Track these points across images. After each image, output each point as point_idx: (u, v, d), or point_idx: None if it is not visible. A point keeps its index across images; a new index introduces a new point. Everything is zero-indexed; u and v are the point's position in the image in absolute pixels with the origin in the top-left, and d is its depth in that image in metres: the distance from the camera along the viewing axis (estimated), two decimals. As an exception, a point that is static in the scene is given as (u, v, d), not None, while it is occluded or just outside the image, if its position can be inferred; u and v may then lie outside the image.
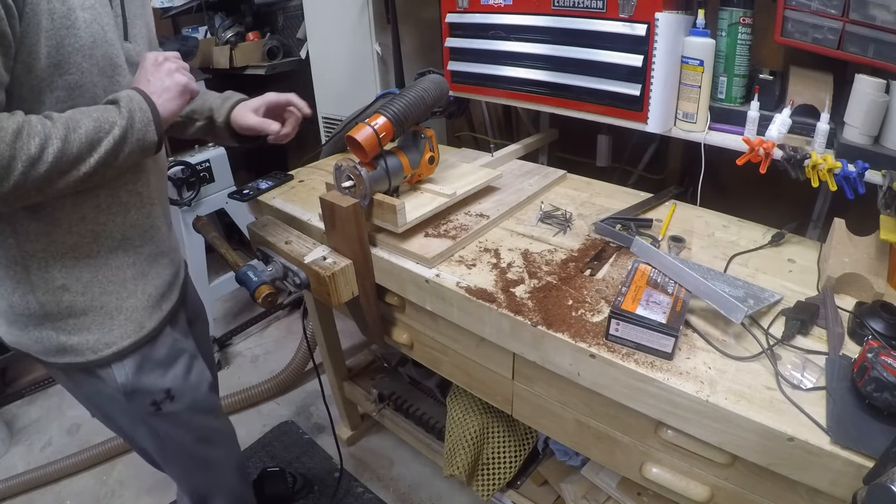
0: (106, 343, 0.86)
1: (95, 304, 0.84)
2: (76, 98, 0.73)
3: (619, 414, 0.82)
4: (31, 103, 0.70)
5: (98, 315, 0.84)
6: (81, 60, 0.72)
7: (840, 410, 0.63)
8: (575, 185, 1.26)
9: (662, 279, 0.83)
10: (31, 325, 0.83)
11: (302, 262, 0.95)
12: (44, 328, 0.83)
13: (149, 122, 0.76)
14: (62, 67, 0.70)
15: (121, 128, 0.73)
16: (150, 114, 0.77)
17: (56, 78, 0.70)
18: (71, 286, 0.82)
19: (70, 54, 0.70)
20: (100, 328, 0.85)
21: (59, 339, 0.83)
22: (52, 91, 0.71)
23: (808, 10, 0.93)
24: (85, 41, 0.71)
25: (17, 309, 0.81)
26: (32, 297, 0.80)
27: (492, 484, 1.29)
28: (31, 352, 0.86)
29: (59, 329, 0.83)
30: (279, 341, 2.26)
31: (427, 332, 1.07)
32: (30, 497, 1.65)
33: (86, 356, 0.85)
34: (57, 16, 0.68)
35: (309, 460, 1.71)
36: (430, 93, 1.02)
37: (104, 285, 0.84)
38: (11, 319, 0.84)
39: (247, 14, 2.32)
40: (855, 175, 0.89)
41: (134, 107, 0.75)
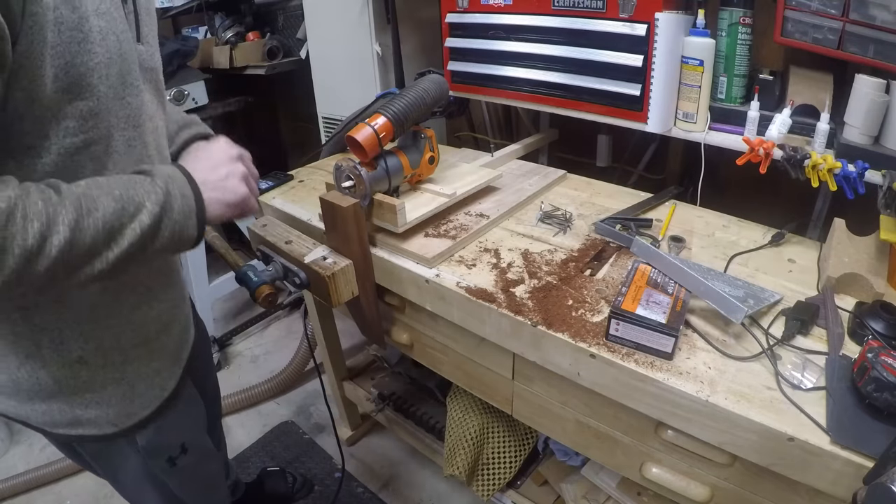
0: (128, 414, 0.74)
1: (117, 376, 0.71)
2: (90, 130, 0.58)
3: (619, 414, 0.82)
4: (34, 140, 0.55)
5: (119, 387, 0.72)
6: (97, 82, 0.57)
7: (840, 410, 0.63)
8: (575, 185, 1.26)
9: (662, 279, 0.83)
10: (37, 399, 0.69)
11: (302, 262, 0.95)
12: (55, 402, 0.69)
13: (190, 212, 0.61)
14: (73, 92, 0.55)
15: (152, 215, 0.57)
16: (193, 202, 0.61)
17: (65, 105, 0.55)
18: (89, 358, 0.68)
19: (83, 75, 0.55)
20: (120, 400, 0.73)
21: (74, 412, 0.71)
22: (59, 123, 0.56)
23: (808, 10, 0.93)
24: (101, 57, 0.56)
25: (22, 385, 0.67)
26: (45, 372, 0.67)
27: (492, 484, 1.29)
28: (33, 423, 0.72)
29: (73, 403, 0.70)
30: (279, 341, 2.26)
31: (427, 332, 1.07)
32: (30, 497, 1.65)
33: (103, 430, 0.73)
34: (66, 27, 0.52)
35: (309, 460, 1.71)
36: (430, 93, 1.02)
37: (126, 351, 0.72)
38: (11, 392, 0.69)
39: (247, 14, 2.32)
40: (855, 175, 0.89)
41: (173, 189, 0.59)
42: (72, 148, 0.58)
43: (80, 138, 0.58)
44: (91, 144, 0.59)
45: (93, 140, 0.59)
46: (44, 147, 0.56)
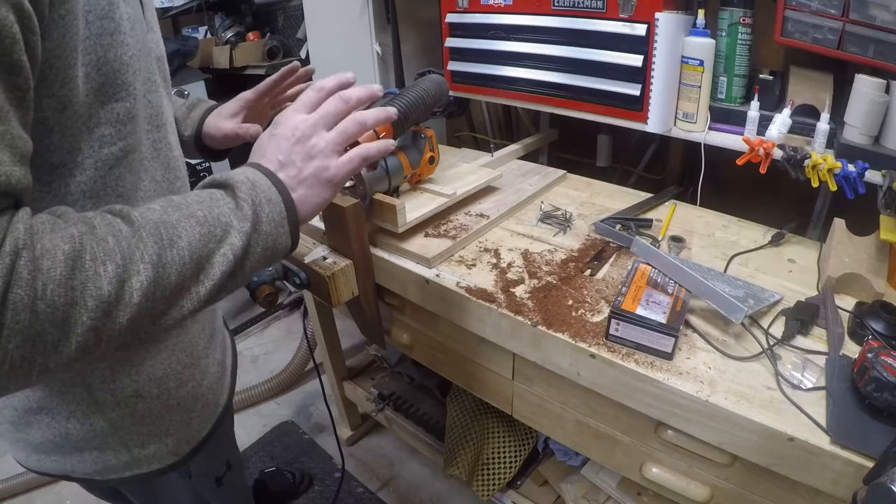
0: (186, 440, 0.68)
1: (172, 403, 0.65)
2: (127, 136, 0.50)
3: (619, 414, 0.82)
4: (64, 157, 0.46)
5: (176, 414, 0.66)
6: (132, 79, 0.49)
7: (840, 410, 0.63)
8: (575, 185, 1.26)
9: (662, 279, 0.83)
10: (88, 447, 0.62)
11: (302, 262, 0.95)
12: (109, 447, 0.63)
13: (281, 220, 0.50)
14: (107, 93, 0.47)
15: (242, 233, 0.47)
16: (283, 207, 0.51)
17: (98, 110, 0.47)
18: (144, 390, 0.61)
19: (118, 71, 0.47)
20: (178, 428, 0.67)
21: (131, 452, 0.64)
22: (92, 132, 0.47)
23: (808, 10, 0.93)
24: (133, 49, 0.49)
25: (72, 436, 0.60)
26: (99, 417, 0.59)
27: (492, 484, 1.29)
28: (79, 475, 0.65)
29: (130, 443, 0.64)
30: (279, 341, 2.26)
31: (427, 332, 1.07)
32: (30, 497, 1.65)
33: (163, 462, 0.68)
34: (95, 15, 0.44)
35: (309, 460, 1.71)
36: (431, 93, 1.02)
37: (179, 374, 0.65)
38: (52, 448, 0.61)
39: (247, 14, 2.32)
40: (855, 175, 0.89)
41: (259, 197, 0.49)
42: (110, 159, 0.50)
43: (117, 147, 0.50)
44: (129, 153, 0.52)
45: (130, 148, 0.52)
46: (76, 163, 0.48)
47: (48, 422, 0.59)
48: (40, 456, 0.64)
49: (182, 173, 0.64)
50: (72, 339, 0.37)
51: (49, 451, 0.62)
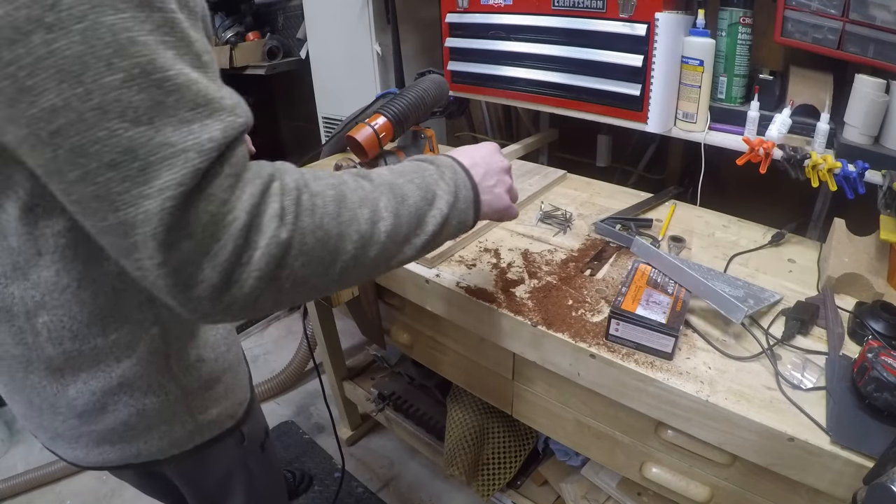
0: (239, 402, 0.74)
1: (225, 365, 0.71)
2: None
3: (619, 414, 0.82)
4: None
5: (229, 375, 0.72)
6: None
7: (840, 410, 0.63)
8: (575, 185, 1.26)
9: (662, 279, 0.83)
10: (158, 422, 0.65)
11: (302, 262, 0.94)
12: (177, 417, 0.67)
13: (470, 204, 0.61)
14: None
15: (447, 203, 0.57)
16: (472, 193, 0.61)
17: None
18: (204, 354, 0.67)
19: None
20: (232, 389, 0.72)
21: (196, 420, 0.69)
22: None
23: (808, 10, 0.93)
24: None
25: (148, 411, 0.63)
26: (173, 384, 0.64)
27: (492, 484, 1.29)
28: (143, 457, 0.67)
29: (194, 409, 0.68)
30: (279, 341, 2.26)
31: (427, 332, 1.07)
32: (30, 497, 1.65)
33: (224, 425, 0.72)
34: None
35: (309, 460, 1.71)
36: (430, 93, 1.02)
37: (225, 340, 0.71)
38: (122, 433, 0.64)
39: (247, 14, 2.32)
40: (855, 175, 0.89)
41: (459, 180, 0.59)
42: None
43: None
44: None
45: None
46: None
47: (126, 400, 0.61)
48: (103, 448, 0.65)
49: None
50: (337, 264, 0.46)
51: (117, 438, 0.64)
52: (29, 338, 0.54)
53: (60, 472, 1.67)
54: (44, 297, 0.52)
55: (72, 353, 0.56)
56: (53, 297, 0.52)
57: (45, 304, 0.52)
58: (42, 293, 0.52)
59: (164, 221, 0.37)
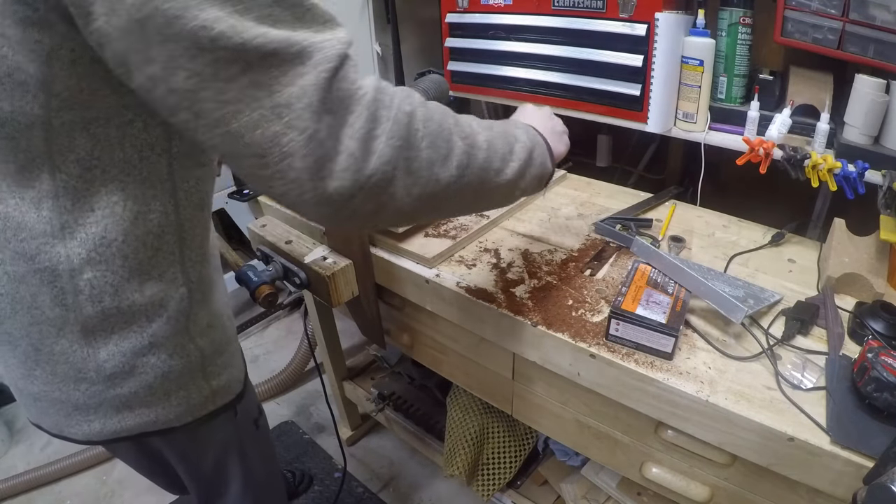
0: (240, 370, 0.78)
1: (230, 335, 0.75)
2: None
3: (619, 414, 0.82)
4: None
5: (233, 343, 0.76)
6: None
7: (840, 410, 0.63)
8: (575, 185, 1.26)
9: (662, 279, 0.83)
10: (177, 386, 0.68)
11: (302, 262, 0.95)
12: (194, 382, 0.70)
13: (545, 153, 0.67)
14: None
15: (525, 147, 0.62)
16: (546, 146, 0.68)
17: None
18: (213, 321, 0.71)
19: None
20: (235, 355, 0.77)
21: (211, 385, 0.72)
22: None
23: (808, 10, 0.93)
24: None
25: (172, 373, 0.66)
26: (193, 346, 0.68)
27: (492, 484, 1.29)
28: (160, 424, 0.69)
29: (209, 374, 0.71)
30: (279, 341, 2.26)
31: (427, 332, 1.07)
32: (30, 497, 1.65)
33: (233, 391, 0.76)
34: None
35: (309, 460, 1.71)
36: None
37: (226, 311, 0.75)
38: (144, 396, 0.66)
39: (247, 14, 2.32)
40: (855, 175, 0.89)
41: (531, 133, 0.66)
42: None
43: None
44: None
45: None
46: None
47: (154, 362, 0.64)
48: (123, 415, 0.66)
49: None
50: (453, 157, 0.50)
51: (138, 402, 0.66)
52: (69, 298, 0.56)
53: (60, 472, 1.67)
54: (90, 254, 0.54)
55: (110, 311, 0.59)
56: (99, 253, 0.55)
57: (91, 259, 0.55)
58: (88, 249, 0.54)
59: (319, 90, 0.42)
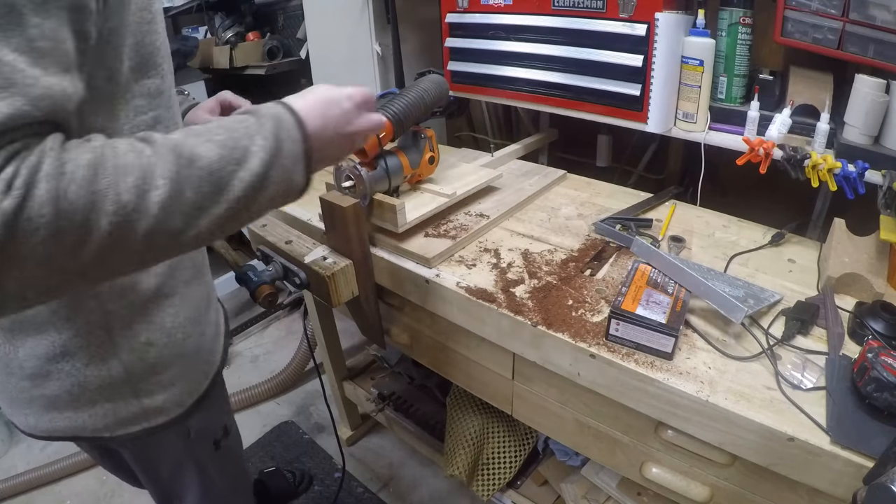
0: (189, 392, 0.74)
1: (178, 352, 0.71)
2: (158, 107, 0.59)
3: (619, 414, 0.82)
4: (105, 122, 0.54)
5: (181, 364, 0.72)
6: (161, 61, 0.58)
7: (840, 410, 0.63)
8: (575, 185, 1.26)
9: (662, 279, 0.83)
10: (102, 398, 0.67)
11: (302, 262, 0.94)
12: (121, 397, 0.68)
13: (299, 157, 0.54)
14: (141, 70, 0.56)
15: (261, 161, 0.50)
16: (302, 146, 0.54)
17: (133, 84, 0.56)
18: (154, 339, 0.67)
19: (151, 53, 0.57)
20: (182, 378, 0.73)
21: (142, 403, 0.69)
22: (129, 102, 0.56)
23: (808, 10, 0.93)
24: (162, 37, 0.58)
25: (90, 384, 0.65)
26: (116, 360, 0.65)
27: (492, 484, 1.29)
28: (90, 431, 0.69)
29: (140, 392, 0.69)
30: (279, 341, 2.26)
31: (427, 332, 1.07)
32: (30, 497, 1.65)
33: (171, 413, 0.73)
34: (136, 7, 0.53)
35: (309, 460, 1.71)
36: (430, 93, 1.02)
37: (185, 328, 0.71)
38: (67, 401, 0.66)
39: (247, 14, 2.32)
40: (855, 175, 0.89)
41: (283, 133, 0.52)
42: (143, 126, 0.58)
43: (149, 116, 0.58)
44: (157, 123, 0.60)
45: (159, 118, 0.60)
46: (115, 129, 0.55)
47: (68, 369, 0.63)
48: (53, 415, 0.67)
49: None
50: (91, 242, 0.40)
51: (63, 405, 0.66)
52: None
53: (60, 472, 1.67)
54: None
55: (17, 318, 0.60)
56: None
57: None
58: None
59: None
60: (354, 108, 0.63)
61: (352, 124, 0.63)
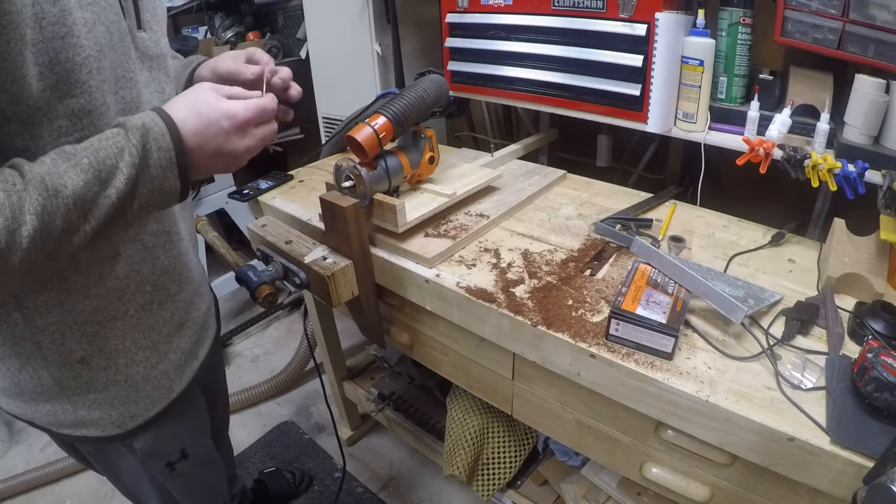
0: (131, 416, 0.73)
1: (119, 378, 0.70)
2: (85, 127, 0.56)
3: (619, 414, 0.82)
4: (27, 142, 0.53)
5: (122, 389, 0.71)
6: (87, 78, 0.54)
7: (840, 410, 0.63)
8: (575, 185, 1.26)
9: (662, 279, 0.83)
10: (41, 399, 0.68)
11: (302, 262, 0.94)
12: (57, 402, 0.69)
13: (170, 164, 0.55)
14: (62, 89, 0.53)
15: (126, 178, 0.52)
16: (173, 153, 0.55)
17: (55, 104, 0.53)
18: (91, 360, 0.67)
19: (70, 71, 0.53)
20: (123, 402, 0.71)
21: (77, 413, 0.70)
22: (51, 122, 0.54)
23: (808, 10, 0.93)
24: (89, 51, 0.54)
25: (24, 386, 0.67)
26: (46, 372, 0.66)
27: (492, 484, 1.29)
28: (38, 423, 0.71)
29: (75, 403, 0.69)
30: (279, 341, 2.26)
31: (427, 332, 1.07)
32: (30, 497, 1.65)
33: (106, 431, 0.72)
34: (47, 21, 0.50)
35: (309, 460, 1.71)
36: (430, 93, 1.02)
37: (132, 353, 0.70)
38: (16, 393, 0.69)
39: (247, 14, 2.32)
40: (855, 175, 0.89)
41: (150, 143, 0.54)
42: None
43: (74, 137, 0.56)
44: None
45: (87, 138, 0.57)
46: (38, 147, 0.54)
47: (4, 370, 0.66)
48: (9, 399, 0.71)
49: None
50: None
51: (13, 396, 0.70)
52: None
53: (60, 472, 1.67)
54: None
55: None
56: None
57: None
58: None
59: None
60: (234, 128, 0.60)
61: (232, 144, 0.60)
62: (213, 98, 0.60)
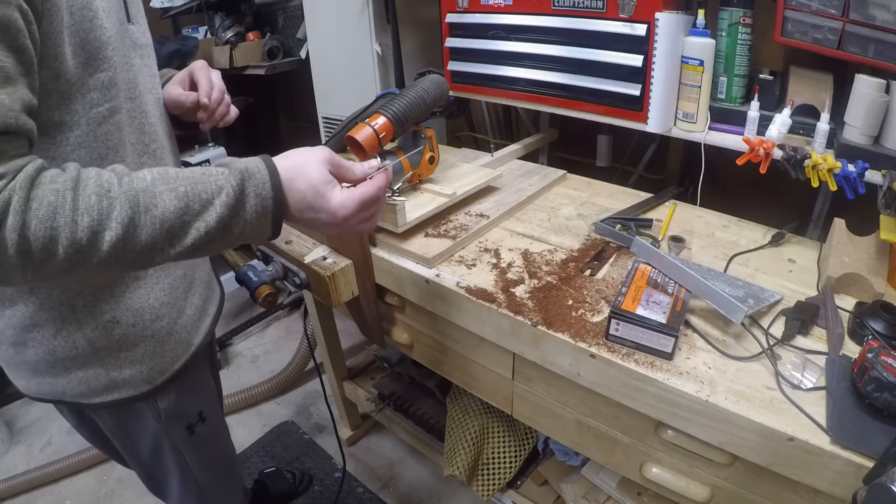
0: (159, 370, 0.78)
1: (147, 334, 0.75)
2: (112, 98, 0.64)
3: (619, 414, 0.82)
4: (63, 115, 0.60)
5: (150, 344, 0.76)
6: (112, 53, 0.63)
7: (840, 410, 0.63)
8: (575, 185, 1.26)
9: (662, 279, 0.83)
10: (74, 367, 0.72)
11: (302, 262, 0.94)
12: (90, 367, 0.73)
13: (265, 213, 0.56)
14: (92, 65, 0.61)
15: (219, 217, 0.54)
16: (271, 202, 0.56)
17: (87, 78, 0.60)
18: (121, 318, 0.72)
19: (98, 49, 0.61)
20: (151, 357, 0.76)
21: (110, 375, 0.74)
22: (84, 95, 0.61)
23: (808, 10, 0.93)
24: (110, 31, 0.62)
25: (59, 353, 0.71)
26: (80, 334, 0.70)
27: (492, 484, 1.29)
28: (70, 396, 0.75)
29: (108, 365, 0.73)
30: (279, 341, 2.26)
31: (427, 332, 1.07)
32: (30, 497, 1.65)
33: (139, 388, 0.76)
34: (76, 7, 0.57)
35: (309, 460, 1.71)
36: (430, 93, 1.02)
37: (156, 310, 0.75)
38: (46, 368, 0.72)
39: (247, 14, 2.32)
40: (855, 175, 0.89)
41: (249, 187, 0.55)
42: (98, 118, 0.63)
43: (104, 107, 0.63)
44: (114, 114, 0.65)
45: (115, 109, 0.65)
46: (73, 121, 0.61)
47: (39, 339, 0.70)
48: (39, 379, 0.74)
49: (158, 136, 0.75)
50: (52, 262, 0.48)
51: (44, 371, 0.73)
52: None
53: (60, 472, 1.67)
54: None
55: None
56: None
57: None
58: None
59: None
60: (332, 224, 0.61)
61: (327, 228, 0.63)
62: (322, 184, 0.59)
